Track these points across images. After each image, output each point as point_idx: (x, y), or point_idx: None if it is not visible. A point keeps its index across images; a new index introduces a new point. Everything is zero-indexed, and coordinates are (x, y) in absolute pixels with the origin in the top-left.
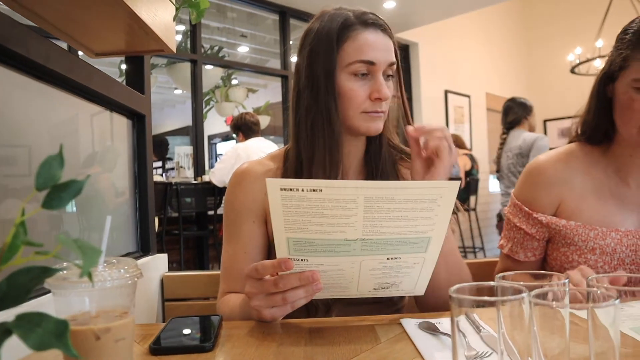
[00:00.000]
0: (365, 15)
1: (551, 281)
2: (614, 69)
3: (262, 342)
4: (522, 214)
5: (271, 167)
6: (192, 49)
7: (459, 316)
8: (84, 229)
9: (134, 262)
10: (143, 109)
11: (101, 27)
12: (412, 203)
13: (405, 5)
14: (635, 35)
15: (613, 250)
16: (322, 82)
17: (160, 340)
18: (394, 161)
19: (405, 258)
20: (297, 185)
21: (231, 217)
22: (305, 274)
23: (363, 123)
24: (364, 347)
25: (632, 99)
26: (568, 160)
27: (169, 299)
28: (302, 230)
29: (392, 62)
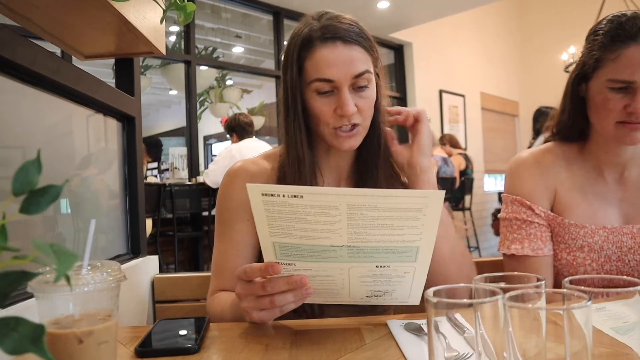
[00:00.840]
0: (328, 27)
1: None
2: (587, 70)
3: (248, 344)
4: (526, 208)
5: (265, 166)
6: (186, 50)
7: (436, 318)
8: (77, 230)
9: (117, 265)
10: (133, 111)
11: (90, 30)
12: (397, 212)
13: (399, 5)
14: (607, 37)
15: (600, 247)
16: (290, 99)
17: (146, 342)
18: (391, 173)
19: (395, 267)
20: (278, 190)
21: (224, 215)
22: (293, 278)
23: (334, 140)
24: (348, 348)
25: (607, 99)
26: (551, 157)
27: (160, 301)
28: (286, 235)
29: (359, 73)
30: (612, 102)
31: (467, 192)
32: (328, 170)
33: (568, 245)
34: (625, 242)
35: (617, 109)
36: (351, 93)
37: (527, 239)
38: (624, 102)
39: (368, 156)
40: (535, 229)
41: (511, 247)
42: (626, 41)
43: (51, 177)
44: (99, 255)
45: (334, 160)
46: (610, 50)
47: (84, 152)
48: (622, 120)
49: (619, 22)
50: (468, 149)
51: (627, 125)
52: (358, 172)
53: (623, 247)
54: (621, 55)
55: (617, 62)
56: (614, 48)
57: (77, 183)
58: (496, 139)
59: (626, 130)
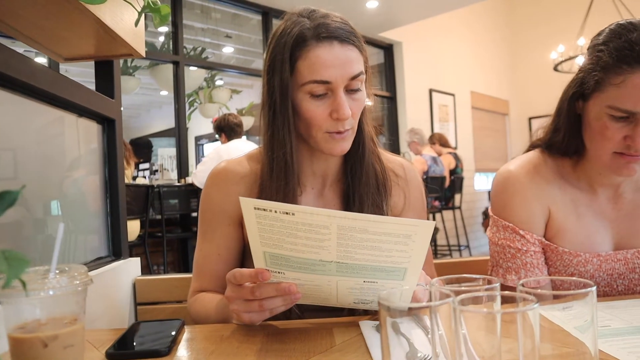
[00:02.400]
0: (322, 26)
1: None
2: (586, 89)
3: (218, 346)
4: (519, 236)
5: (250, 168)
6: (174, 51)
7: (397, 319)
8: (55, 233)
9: (84, 268)
10: (113, 113)
11: (67, 33)
12: (386, 236)
13: (388, 5)
14: (612, 56)
15: (591, 276)
16: (277, 102)
17: (116, 345)
18: (382, 171)
19: (383, 283)
20: (270, 206)
21: (207, 216)
22: (281, 286)
23: (326, 145)
24: (318, 349)
25: (605, 127)
26: (543, 174)
27: (142, 303)
28: (277, 246)
29: (355, 74)
30: (611, 131)
31: (457, 190)
32: (313, 176)
33: (558, 270)
34: (617, 268)
35: (616, 139)
36: (345, 95)
37: (524, 268)
38: (624, 133)
39: (355, 160)
40: (531, 257)
41: (507, 277)
42: (633, 65)
43: (29, 181)
44: (79, 258)
45: (319, 166)
46: (614, 73)
47: (62, 155)
48: (620, 151)
49: (628, 39)
50: (458, 147)
51: (624, 157)
52: (345, 177)
53: (614, 273)
54: (627, 81)
55: (621, 88)
56: (619, 71)
57: (55, 186)
58: (486, 137)
59: (623, 162)
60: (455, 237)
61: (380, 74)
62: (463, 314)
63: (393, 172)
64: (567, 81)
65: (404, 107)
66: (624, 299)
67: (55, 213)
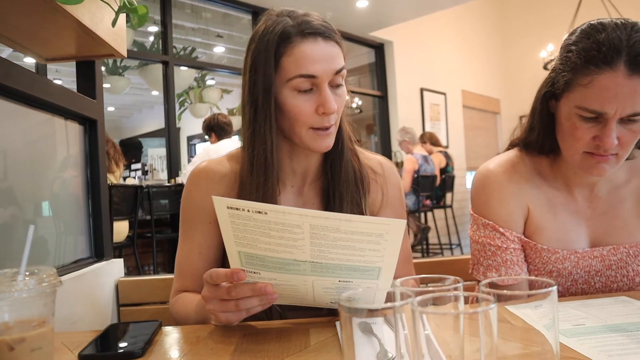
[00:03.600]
0: (305, 23)
1: (445, 284)
2: (557, 89)
3: (193, 347)
4: (499, 234)
5: (230, 168)
6: (164, 51)
7: (369, 320)
8: (35, 234)
9: (53, 270)
10: (94, 114)
11: (47, 33)
12: (359, 235)
13: (379, 4)
14: (580, 57)
15: (569, 273)
16: (260, 100)
17: (90, 347)
18: (359, 168)
19: (358, 282)
20: (243, 205)
21: (187, 216)
22: (257, 286)
23: (311, 141)
24: (292, 350)
25: (575, 127)
26: (522, 172)
27: (124, 304)
28: (251, 246)
29: (339, 69)
30: (580, 131)
31: (448, 189)
32: (292, 175)
33: (537, 268)
34: (594, 265)
35: (585, 139)
36: (329, 90)
37: (504, 265)
38: (593, 133)
39: (335, 157)
40: (511, 254)
41: (487, 275)
42: (601, 66)
43: (9, 183)
44: (61, 259)
45: (299, 164)
46: (582, 74)
47: (43, 156)
48: (590, 151)
49: (596, 40)
50: (450, 146)
51: (594, 157)
52: (325, 175)
53: (591, 270)
54: (593, 82)
55: (588, 88)
56: (587, 72)
57: (37, 187)
58: (478, 136)
59: (593, 161)
60: (446, 236)
61: (371, 73)
62: (426, 314)
63: (371, 169)
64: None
65: (395, 106)
66: (600, 297)
67: (36, 214)
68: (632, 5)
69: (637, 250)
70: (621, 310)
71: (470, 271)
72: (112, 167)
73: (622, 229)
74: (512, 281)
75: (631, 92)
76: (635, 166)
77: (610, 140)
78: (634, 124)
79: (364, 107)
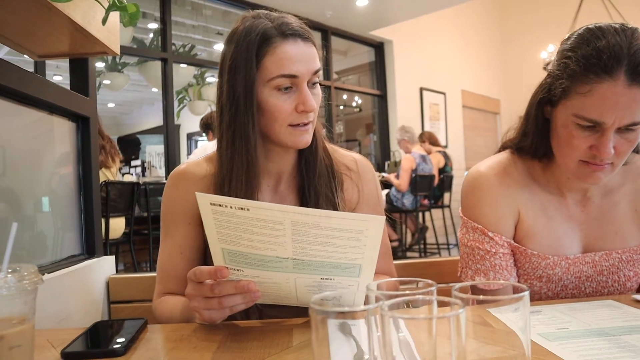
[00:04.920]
0: (285, 25)
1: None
2: (554, 96)
3: (176, 346)
4: (488, 238)
5: (208, 170)
6: (163, 48)
7: (349, 321)
8: (22, 230)
9: (34, 268)
10: (87, 111)
11: (39, 30)
12: (339, 232)
13: (379, 3)
14: (579, 64)
15: (559, 278)
16: (241, 100)
17: (73, 345)
18: (331, 164)
19: (339, 280)
20: (225, 202)
21: (167, 217)
22: (240, 284)
23: (290, 137)
24: (274, 349)
25: (571, 135)
26: (513, 175)
27: (115, 301)
28: (234, 243)
29: (317, 69)
30: (577, 140)
31: (447, 189)
32: (268, 174)
33: (527, 272)
34: (585, 271)
35: (582, 148)
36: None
37: (492, 270)
38: (590, 142)
39: (309, 154)
40: (500, 259)
41: (475, 279)
42: (601, 75)
43: (0, 180)
44: (51, 255)
45: (274, 164)
46: (581, 82)
47: (35, 153)
48: (586, 159)
49: (596, 47)
50: (449, 146)
51: (590, 166)
52: (300, 172)
53: (582, 276)
54: (593, 91)
55: (587, 97)
56: (586, 81)
57: (29, 184)
58: (477, 136)
59: (589, 170)
60: (444, 236)
61: (370, 72)
62: (399, 317)
63: (345, 166)
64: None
65: (395, 106)
66: (587, 300)
67: (28, 211)
68: (632, 5)
69: (629, 256)
70: (607, 314)
71: (459, 274)
72: (109, 163)
73: (615, 233)
74: (497, 286)
75: (630, 102)
76: (629, 170)
77: (607, 150)
78: (631, 133)
79: (364, 106)
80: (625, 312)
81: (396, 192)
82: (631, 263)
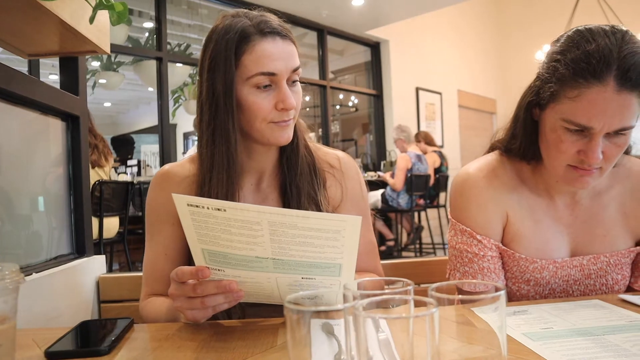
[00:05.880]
0: (263, 23)
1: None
2: (542, 100)
3: (161, 345)
4: (477, 241)
5: (191, 170)
6: (158, 47)
7: (331, 321)
8: (13, 229)
9: (15, 267)
10: (77, 110)
11: (28, 29)
12: (316, 232)
13: (374, 3)
14: (568, 68)
15: (547, 282)
16: (221, 98)
17: (57, 344)
18: (312, 161)
19: (321, 279)
20: (202, 203)
21: (151, 219)
22: (222, 283)
23: (271, 134)
24: (258, 349)
25: (560, 139)
26: (502, 177)
27: (106, 301)
28: (213, 243)
29: (296, 67)
30: (565, 145)
31: (442, 189)
32: (250, 173)
33: (515, 276)
34: (573, 274)
35: (570, 153)
36: (287, 87)
37: (480, 273)
38: (578, 147)
39: (290, 151)
40: (488, 262)
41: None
42: (590, 80)
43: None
44: (41, 255)
45: (256, 162)
46: (570, 87)
47: (25, 152)
48: (574, 164)
49: (585, 51)
50: (445, 146)
51: (578, 170)
52: (282, 170)
53: (570, 280)
54: (581, 95)
55: (576, 102)
56: (575, 85)
57: (18, 183)
58: (473, 136)
59: (577, 175)
60: (439, 236)
61: (367, 72)
62: (372, 317)
63: (328, 163)
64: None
65: (391, 105)
66: (574, 300)
67: (17, 210)
68: (627, 2)
69: (617, 259)
70: (592, 314)
71: (447, 276)
72: (102, 162)
73: (603, 236)
74: (478, 287)
75: (619, 108)
76: (619, 173)
77: (595, 155)
78: (620, 138)
79: (360, 106)
80: (610, 312)
81: (392, 192)
82: (619, 266)
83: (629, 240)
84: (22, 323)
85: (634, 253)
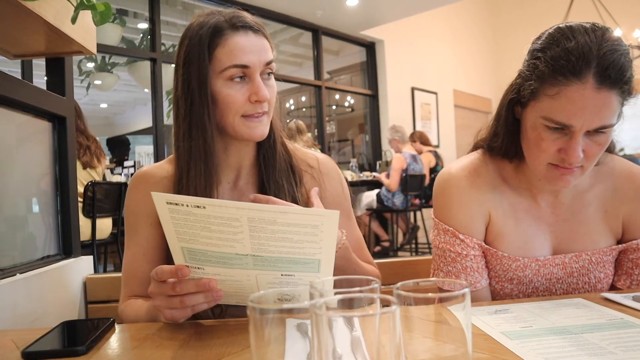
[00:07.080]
0: (236, 18)
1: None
2: (523, 98)
3: (140, 344)
4: (460, 240)
5: (169, 171)
6: (152, 47)
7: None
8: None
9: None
10: (63, 111)
11: (13, 30)
12: (295, 227)
13: (369, 3)
14: (548, 66)
15: (530, 280)
16: (196, 92)
17: (35, 344)
18: (290, 159)
19: (300, 276)
20: (181, 200)
21: (130, 220)
22: (201, 282)
23: (245, 129)
24: (235, 348)
25: (540, 137)
26: (484, 176)
27: (93, 301)
28: (193, 241)
29: (269, 60)
30: (546, 143)
31: None
32: (227, 169)
33: (498, 274)
34: (556, 273)
35: (550, 151)
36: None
37: (464, 272)
38: (559, 145)
39: (268, 148)
40: (471, 261)
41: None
42: (569, 77)
43: None
44: (27, 255)
45: (233, 159)
46: (549, 84)
47: (9, 154)
48: (555, 162)
49: (565, 48)
50: (441, 146)
51: (559, 169)
52: (259, 167)
53: (552, 278)
54: (561, 93)
55: (555, 100)
56: (554, 83)
57: (4, 184)
58: (469, 136)
59: (557, 173)
60: None
61: (362, 72)
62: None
63: (307, 163)
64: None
65: (386, 105)
66: (557, 299)
67: (3, 211)
68: (621, 4)
69: (599, 257)
70: (573, 312)
71: (431, 276)
72: (94, 163)
73: (585, 235)
74: (452, 286)
75: (599, 105)
76: (600, 171)
77: (575, 154)
78: (600, 136)
79: (355, 106)
80: (591, 310)
81: (387, 192)
82: (601, 264)
83: (610, 239)
84: (5, 324)
85: (615, 251)
